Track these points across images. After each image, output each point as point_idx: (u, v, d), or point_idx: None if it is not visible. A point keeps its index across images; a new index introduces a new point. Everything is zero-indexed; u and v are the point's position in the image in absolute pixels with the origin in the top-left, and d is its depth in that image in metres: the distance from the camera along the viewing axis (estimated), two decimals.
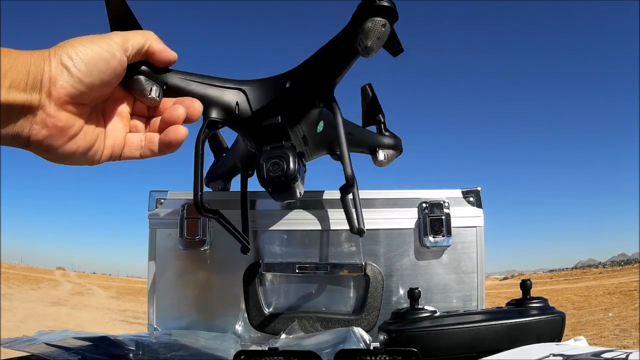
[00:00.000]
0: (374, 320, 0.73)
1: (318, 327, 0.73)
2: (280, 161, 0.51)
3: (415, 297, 0.63)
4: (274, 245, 0.77)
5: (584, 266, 61.87)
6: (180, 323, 0.76)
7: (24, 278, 18.86)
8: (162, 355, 0.57)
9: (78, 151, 0.43)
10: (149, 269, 0.78)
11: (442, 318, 0.60)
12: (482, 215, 0.79)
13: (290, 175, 0.51)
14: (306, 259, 0.76)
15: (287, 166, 0.51)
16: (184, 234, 0.76)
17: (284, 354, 0.46)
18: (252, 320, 0.74)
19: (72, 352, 0.51)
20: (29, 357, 0.51)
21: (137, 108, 0.49)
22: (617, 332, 6.69)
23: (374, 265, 0.75)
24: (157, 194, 0.79)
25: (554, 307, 0.61)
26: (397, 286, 0.76)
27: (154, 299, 0.77)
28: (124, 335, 0.61)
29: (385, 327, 0.61)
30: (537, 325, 0.58)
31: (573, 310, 9.46)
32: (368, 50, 0.50)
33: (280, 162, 0.51)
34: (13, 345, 0.55)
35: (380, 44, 0.51)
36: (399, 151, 0.84)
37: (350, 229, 0.68)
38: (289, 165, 0.51)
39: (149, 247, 0.78)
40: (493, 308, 0.66)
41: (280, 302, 0.76)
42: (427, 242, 0.76)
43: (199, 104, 0.48)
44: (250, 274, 0.75)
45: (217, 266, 0.77)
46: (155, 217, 0.78)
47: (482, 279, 0.78)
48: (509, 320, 0.58)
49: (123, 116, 0.48)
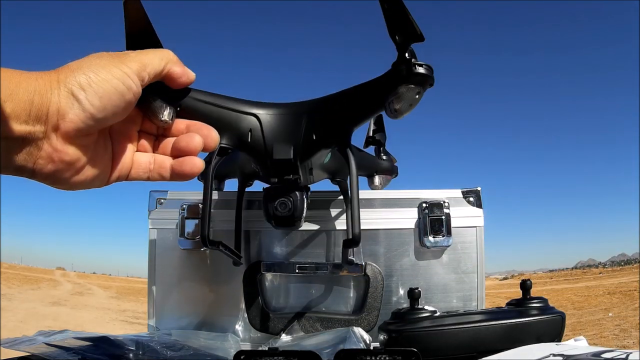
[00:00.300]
0: (374, 320, 0.73)
1: (318, 327, 0.73)
2: (288, 202, 0.53)
3: (415, 297, 0.63)
4: (274, 245, 0.77)
5: (584, 266, 61.86)
6: (180, 323, 0.76)
7: (24, 278, 18.86)
8: (162, 355, 0.57)
9: (87, 180, 0.41)
10: (149, 269, 0.78)
11: (442, 318, 0.60)
12: (482, 215, 0.79)
13: (297, 215, 0.53)
14: (306, 259, 0.76)
15: (294, 207, 0.53)
16: (184, 234, 0.76)
17: (284, 354, 0.46)
18: (252, 320, 0.74)
19: (72, 352, 0.51)
20: (29, 357, 0.51)
21: (145, 126, 0.46)
22: (617, 332, 6.69)
23: (374, 265, 0.75)
24: (157, 194, 0.79)
25: (554, 307, 0.61)
26: (397, 286, 0.76)
27: (154, 299, 0.77)
28: (124, 335, 0.61)
29: (385, 327, 0.61)
30: (537, 325, 0.58)
31: (573, 310, 9.46)
32: (396, 113, 0.49)
33: (287, 203, 0.53)
34: (13, 345, 0.54)
35: (410, 109, 0.49)
36: (394, 175, 0.86)
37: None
38: (296, 206, 0.53)
39: (149, 247, 0.78)
40: (493, 308, 0.66)
41: (280, 302, 0.76)
42: (427, 242, 0.76)
43: (216, 134, 0.46)
44: (250, 274, 0.75)
45: (217, 266, 0.77)
46: (155, 217, 0.78)
47: (482, 279, 0.78)
48: (509, 320, 0.58)
49: (131, 136, 0.45)
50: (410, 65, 0.47)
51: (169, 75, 0.44)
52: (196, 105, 0.49)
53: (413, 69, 0.47)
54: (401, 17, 0.46)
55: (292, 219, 0.53)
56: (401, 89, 0.47)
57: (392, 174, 0.84)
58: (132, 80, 0.40)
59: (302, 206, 0.53)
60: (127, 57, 0.41)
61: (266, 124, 0.52)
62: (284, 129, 0.52)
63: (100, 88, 0.38)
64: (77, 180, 0.40)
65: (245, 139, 0.51)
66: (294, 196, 0.53)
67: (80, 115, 0.37)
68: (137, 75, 0.40)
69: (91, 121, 0.38)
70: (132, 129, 0.45)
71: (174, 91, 0.46)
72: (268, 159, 0.51)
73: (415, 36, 0.46)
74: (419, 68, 0.47)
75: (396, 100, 0.48)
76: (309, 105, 0.53)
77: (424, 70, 0.47)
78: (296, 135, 0.52)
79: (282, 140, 0.51)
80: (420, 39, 0.46)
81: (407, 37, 0.47)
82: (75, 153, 0.39)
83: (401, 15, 0.46)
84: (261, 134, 0.51)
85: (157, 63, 0.42)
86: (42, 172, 0.38)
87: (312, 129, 0.52)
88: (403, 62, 0.47)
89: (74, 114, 0.37)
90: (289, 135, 0.52)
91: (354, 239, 0.52)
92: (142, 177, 0.45)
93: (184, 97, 0.48)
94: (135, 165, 0.45)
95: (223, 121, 0.50)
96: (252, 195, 0.77)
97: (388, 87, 0.48)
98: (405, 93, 0.48)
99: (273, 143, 0.51)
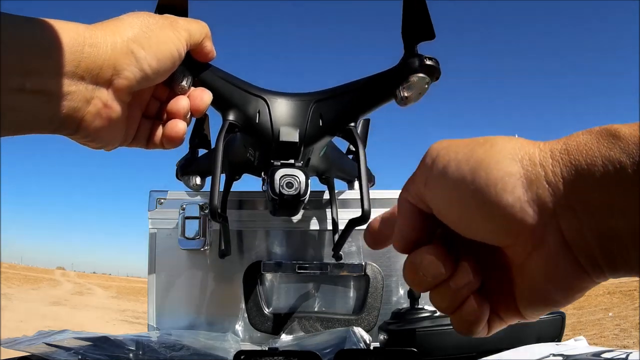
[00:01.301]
0: (374, 320, 0.73)
1: (318, 327, 0.73)
2: (295, 181, 0.52)
3: (415, 297, 0.63)
4: (274, 245, 0.77)
5: None
6: (180, 323, 0.76)
7: (24, 278, 18.87)
8: (162, 355, 0.57)
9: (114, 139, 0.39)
10: (149, 269, 0.78)
11: (442, 318, 0.60)
12: None
13: (302, 196, 0.53)
14: (306, 259, 0.76)
15: (300, 187, 0.52)
16: (184, 234, 0.76)
17: (284, 354, 0.46)
18: (252, 320, 0.74)
19: (72, 352, 0.51)
20: (29, 357, 0.51)
21: (157, 91, 0.44)
22: (617, 332, 6.68)
23: (374, 265, 0.75)
24: (157, 194, 0.79)
25: None
26: (397, 286, 0.76)
27: (154, 299, 0.77)
28: (124, 335, 0.61)
29: (385, 327, 0.61)
30: (537, 325, 0.58)
31: (573, 310, 9.46)
32: (405, 100, 0.52)
33: (294, 182, 0.52)
34: (13, 345, 0.54)
35: (418, 98, 0.52)
36: (372, 184, 0.86)
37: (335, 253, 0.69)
38: (302, 186, 0.52)
39: (149, 247, 0.78)
40: None
41: (280, 302, 0.76)
42: None
43: (209, 95, 0.45)
44: (250, 274, 0.75)
45: (217, 266, 0.77)
46: (155, 217, 0.78)
47: None
48: None
49: (145, 99, 0.43)
50: (421, 57, 0.51)
51: (201, 49, 0.44)
52: (212, 78, 0.50)
53: (424, 61, 0.50)
54: (420, 15, 0.50)
55: (296, 200, 0.53)
56: (412, 78, 0.51)
57: (370, 182, 0.85)
58: (183, 47, 0.39)
59: (306, 188, 0.53)
60: (177, 23, 0.40)
61: (274, 108, 0.53)
62: (291, 113, 0.54)
63: (159, 49, 0.36)
64: (109, 138, 0.38)
65: (253, 120, 0.53)
66: (300, 177, 0.53)
67: (136, 74, 0.35)
68: (187, 42, 0.40)
69: (144, 81, 0.37)
70: (147, 93, 0.42)
71: (195, 62, 0.47)
72: (274, 141, 0.53)
73: (428, 34, 0.50)
74: (429, 60, 0.51)
75: (407, 89, 0.51)
76: (317, 93, 0.55)
77: (433, 63, 0.51)
78: (303, 119, 0.54)
79: (289, 124, 0.53)
80: (431, 37, 0.51)
81: (419, 35, 0.51)
82: (119, 110, 0.37)
83: (420, 13, 0.50)
84: (269, 116, 0.53)
85: (198, 35, 0.42)
86: (89, 128, 0.35)
87: (319, 115, 0.54)
88: (414, 56, 0.51)
89: (130, 72, 0.35)
90: (296, 120, 0.54)
91: (364, 215, 0.53)
92: (141, 144, 0.43)
93: (202, 69, 0.49)
94: (140, 130, 0.43)
95: (234, 99, 0.52)
96: (251, 195, 0.77)
97: (400, 76, 0.51)
98: (416, 82, 0.51)
99: (280, 126, 0.53)
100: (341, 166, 0.76)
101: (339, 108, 0.54)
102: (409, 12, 0.50)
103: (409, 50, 0.52)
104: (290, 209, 0.56)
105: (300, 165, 0.54)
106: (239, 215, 0.77)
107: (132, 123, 0.41)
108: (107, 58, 0.33)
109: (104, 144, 0.39)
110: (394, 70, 0.52)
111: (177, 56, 0.39)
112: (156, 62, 0.36)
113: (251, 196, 0.77)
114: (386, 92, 0.53)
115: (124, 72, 0.34)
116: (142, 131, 0.43)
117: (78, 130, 0.35)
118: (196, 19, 0.44)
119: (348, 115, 0.54)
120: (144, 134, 0.43)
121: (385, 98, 0.53)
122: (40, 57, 0.30)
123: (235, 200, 0.77)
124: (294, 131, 0.53)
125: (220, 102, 0.51)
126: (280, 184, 0.52)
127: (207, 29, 0.43)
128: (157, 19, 0.38)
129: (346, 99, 0.54)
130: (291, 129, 0.53)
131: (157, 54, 0.36)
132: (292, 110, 0.54)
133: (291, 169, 0.53)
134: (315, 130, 0.54)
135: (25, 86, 0.30)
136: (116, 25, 0.35)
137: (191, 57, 0.45)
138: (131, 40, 0.35)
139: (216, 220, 0.54)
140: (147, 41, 0.35)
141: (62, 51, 0.31)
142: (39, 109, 0.32)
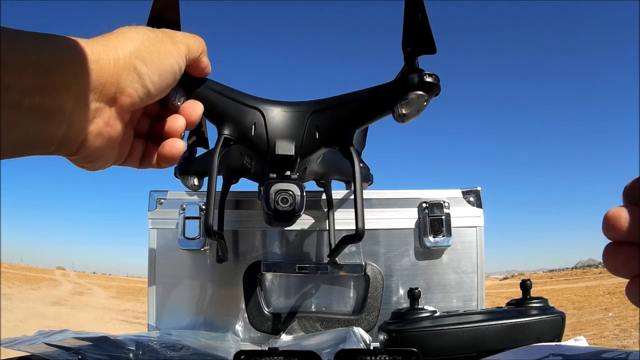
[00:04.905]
0: (374, 320, 0.73)
1: (318, 327, 0.73)
2: (290, 197, 0.52)
3: (415, 297, 0.63)
4: (274, 245, 0.77)
5: (584, 266, 61.86)
6: (180, 323, 0.76)
7: (24, 278, 18.86)
8: (162, 355, 0.57)
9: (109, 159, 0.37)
10: (149, 269, 0.78)
11: (442, 318, 0.60)
12: (482, 215, 0.79)
13: (297, 211, 0.53)
14: (306, 259, 0.76)
15: (294, 202, 0.52)
16: (184, 234, 0.76)
17: (284, 354, 0.46)
18: (252, 320, 0.74)
19: (72, 352, 0.51)
20: (29, 357, 0.51)
21: (147, 108, 0.41)
22: (617, 332, 6.68)
23: (374, 265, 0.75)
24: (157, 194, 0.79)
25: (554, 307, 0.61)
26: (397, 286, 0.76)
27: (154, 299, 0.77)
28: (124, 335, 0.61)
29: (385, 327, 0.61)
30: (537, 325, 0.58)
31: (573, 310, 9.46)
32: (403, 117, 0.51)
33: (289, 198, 0.52)
34: (13, 345, 0.54)
35: (417, 115, 0.51)
36: (369, 183, 0.86)
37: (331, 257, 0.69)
38: (297, 202, 0.52)
39: (149, 247, 0.78)
40: (493, 308, 0.66)
41: (280, 302, 0.76)
42: (427, 242, 0.76)
43: (200, 107, 0.44)
44: (250, 274, 0.75)
45: (217, 266, 0.76)
46: (155, 217, 0.78)
47: (482, 279, 0.78)
48: (509, 320, 0.58)
49: (135, 118, 0.40)
50: (421, 73, 0.49)
51: (198, 64, 0.42)
52: (206, 93, 0.49)
53: (424, 77, 0.49)
54: (421, 29, 0.48)
55: (292, 214, 0.53)
56: (411, 95, 0.49)
57: (367, 181, 0.85)
58: (183, 62, 0.38)
59: (302, 202, 0.53)
60: (175, 37, 0.39)
61: (270, 120, 0.52)
62: (287, 125, 0.53)
63: (161, 65, 0.35)
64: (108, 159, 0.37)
65: (249, 132, 0.52)
66: (295, 191, 0.52)
67: (138, 91, 0.34)
68: (186, 57, 0.38)
69: (147, 98, 0.35)
70: (140, 110, 0.40)
71: (189, 76, 0.46)
72: (269, 154, 0.52)
73: (430, 48, 0.49)
74: (429, 77, 0.49)
75: (405, 106, 0.50)
76: (314, 104, 0.54)
77: (433, 80, 0.49)
78: (299, 132, 0.53)
79: (285, 137, 0.52)
80: (432, 52, 0.49)
81: (420, 48, 0.49)
82: (120, 129, 0.35)
83: (421, 27, 0.48)
84: (264, 129, 0.52)
85: (196, 50, 0.41)
86: (91, 148, 0.33)
87: (315, 127, 0.53)
88: (414, 71, 0.50)
89: (133, 89, 0.33)
90: (292, 132, 0.53)
91: (358, 234, 0.53)
92: (134, 164, 0.41)
93: (196, 83, 0.48)
94: (134, 149, 0.41)
95: (228, 112, 0.51)
96: (251, 195, 0.77)
97: (398, 93, 0.50)
98: (415, 100, 0.50)
99: (276, 139, 0.52)
100: (339, 168, 0.76)
101: (335, 120, 0.53)
102: (410, 24, 0.49)
103: (408, 64, 0.50)
104: (285, 221, 0.56)
105: (296, 177, 0.53)
106: (238, 215, 0.77)
107: (125, 142, 0.39)
108: (110, 75, 0.32)
109: (100, 165, 0.37)
110: (393, 85, 0.51)
111: (178, 71, 0.38)
112: (158, 78, 0.35)
113: (250, 196, 0.77)
114: (384, 107, 0.51)
115: (127, 89, 0.33)
116: (135, 150, 0.41)
117: (79, 151, 0.33)
118: (192, 34, 0.43)
119: (345, 128, 0.53)
120: (137, 153, 0.41)
121: (383, 113, 0.52)
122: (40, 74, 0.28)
123: (234, 200, 0.77)
124: (290, 144, 0.52)
125: (215, 115, 0.51)
126: (275, 199, 0.52)
127: (203, 44, 0.43)
128: (157, 33, 0.37)
129: (343, 112, 0.53)
130: (287, 142, 0.52)
131: (159, 70, 0.35)
132: (288, 121, 0.53)
133: (286, 183, 0.53)
134: (311, 142, 0.53)
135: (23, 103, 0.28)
136: (117, 39, 0.33)
137: (185, 72, 0.43)
138: (133, 55, 0.33)
139: (211, 238, 0.54)
140: (149, 56, 0.34)
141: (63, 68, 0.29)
142: (38, 128, 0.30)
